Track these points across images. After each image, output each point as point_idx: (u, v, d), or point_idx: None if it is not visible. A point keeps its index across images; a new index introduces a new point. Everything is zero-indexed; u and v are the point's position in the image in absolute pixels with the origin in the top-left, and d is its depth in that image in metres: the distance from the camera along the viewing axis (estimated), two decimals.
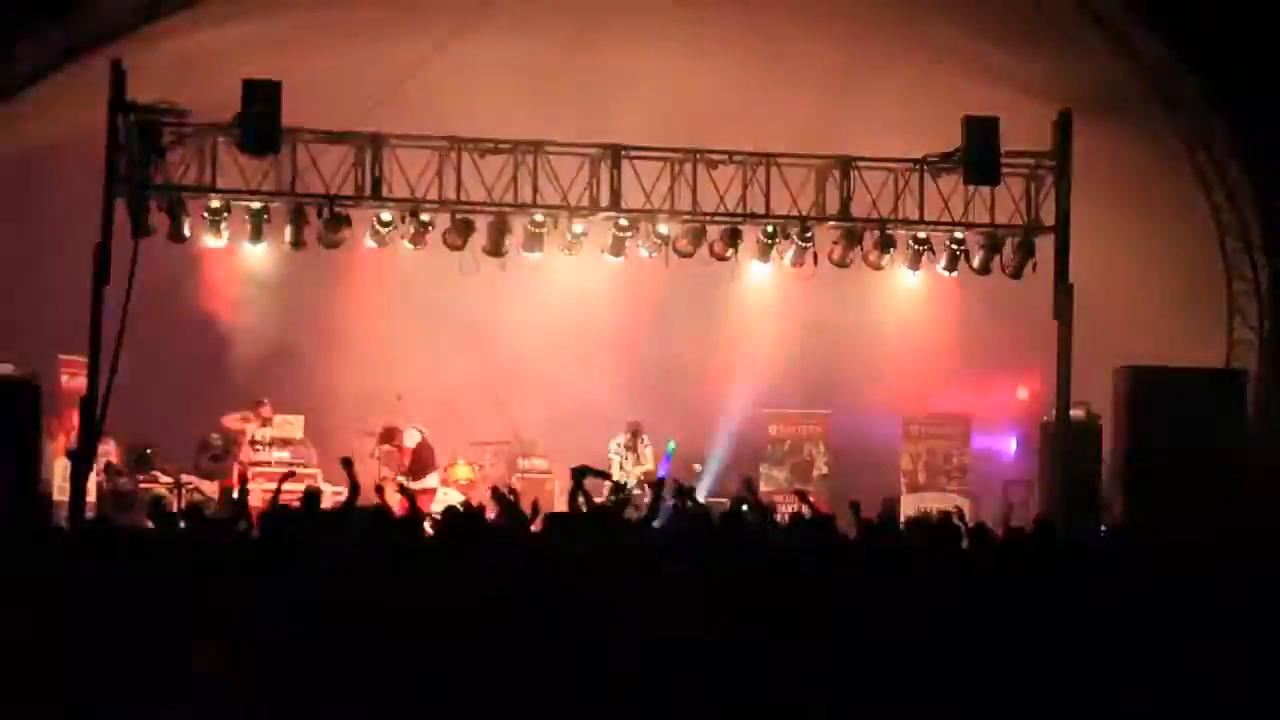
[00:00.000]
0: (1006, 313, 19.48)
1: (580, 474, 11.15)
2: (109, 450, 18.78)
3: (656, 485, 12.67)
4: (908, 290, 20.22)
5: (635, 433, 19.19)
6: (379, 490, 12.93)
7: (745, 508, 11.71)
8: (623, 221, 18.10)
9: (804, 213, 18.25)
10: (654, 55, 19.25)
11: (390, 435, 18.96)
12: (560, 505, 14.53)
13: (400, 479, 18.24)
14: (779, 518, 12.37)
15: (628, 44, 19.29)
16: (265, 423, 19.41)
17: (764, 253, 18.62)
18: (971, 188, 18.05)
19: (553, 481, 19.48)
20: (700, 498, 18.43)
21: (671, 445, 19.26)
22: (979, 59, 19.43)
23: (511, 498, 11.33)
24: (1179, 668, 8.46)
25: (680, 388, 19.38)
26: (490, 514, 11.09)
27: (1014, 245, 18.44)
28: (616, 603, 8.15)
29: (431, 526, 11.06)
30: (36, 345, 17.79)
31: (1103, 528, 18.15)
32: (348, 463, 11.87)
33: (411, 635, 8.00)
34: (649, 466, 18.99)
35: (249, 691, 7.70)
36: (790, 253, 18.54)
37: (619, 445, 19.13)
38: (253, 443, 19.23)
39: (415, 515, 11.52)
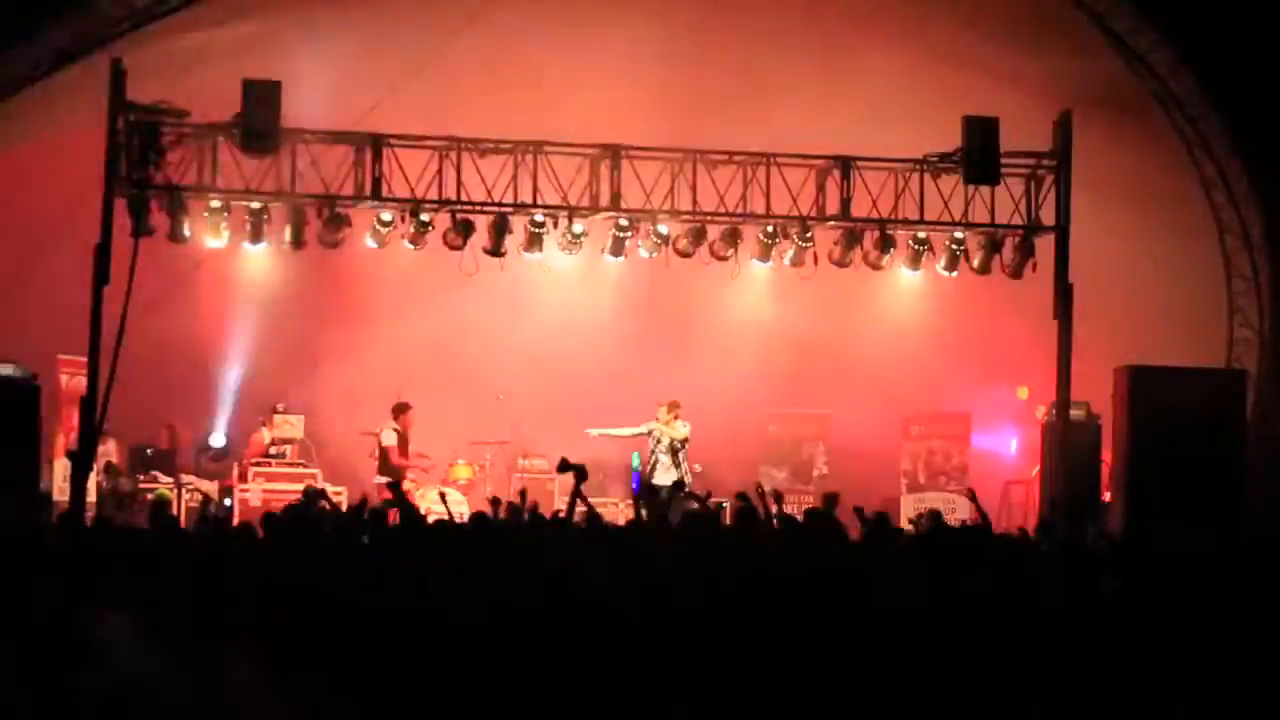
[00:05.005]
0: (1006, 313, 19.48)
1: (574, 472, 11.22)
2: (109, 450, 18.81)
3: (635, 499, 12.61)
4: (908, 290, 20.22)
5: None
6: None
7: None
8: (623, 221, 18.11)
9: (804, 213, 18.26)
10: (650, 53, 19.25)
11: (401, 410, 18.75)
12: (560, 505, 14.50)
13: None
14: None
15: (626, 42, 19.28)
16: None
17: (764, 253, 18.61)
18: (971, 188, 18.05)
19: (553, 482, 19.48)
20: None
21: (636, 458, 19.08)
22: (979, 59, 19.42)
23: (519, 501, 11.46)
24: (1178, 669, 8.46)
25: (680, 388, 19.34)
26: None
27: (1014, 245, 18.43)
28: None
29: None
30: (36, 345, 17.79)
31: (1102, 528, 18.15)
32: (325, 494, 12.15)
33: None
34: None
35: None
36: (790, 253, 18.54)
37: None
38: (267, 454, 19.26)
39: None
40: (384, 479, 18.02)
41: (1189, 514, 16.85)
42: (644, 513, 11.61)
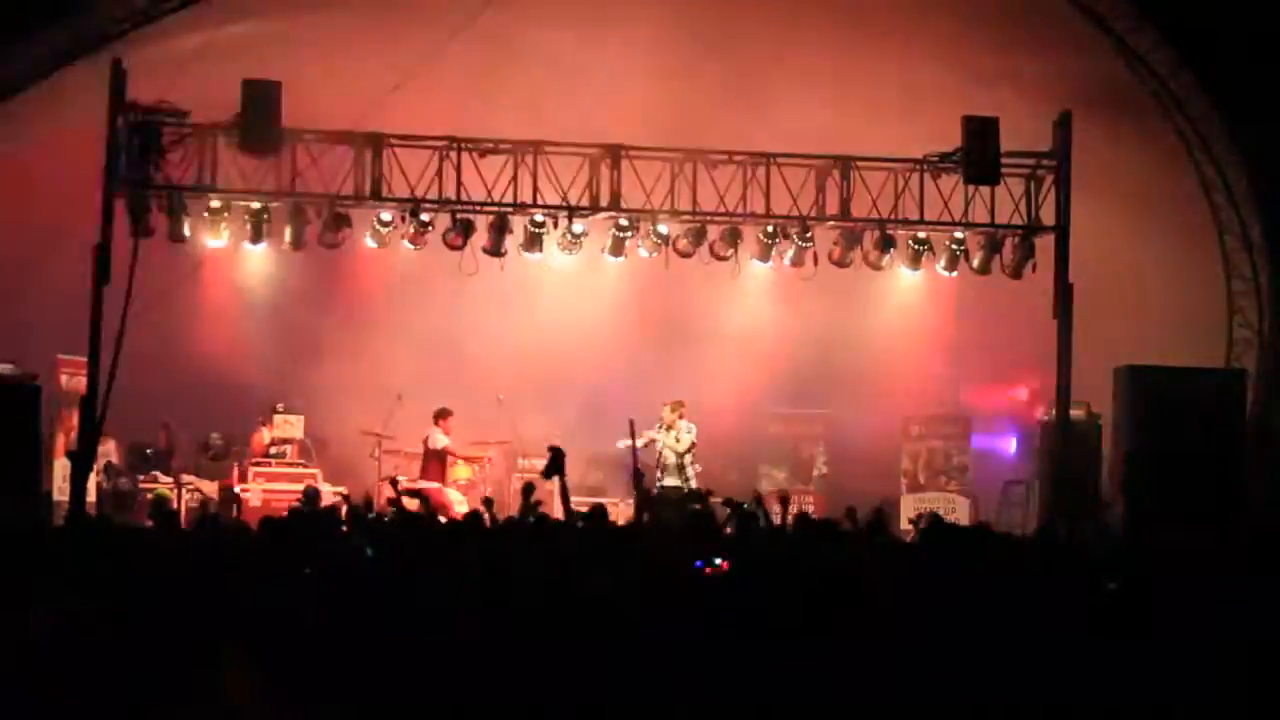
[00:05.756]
0: (1006, 313, 19.47)
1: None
2: (109, 450, 18.80)
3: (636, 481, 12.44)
4: (908, 290, 20.21)
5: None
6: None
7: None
8: (623, 221, 18.11)
9: (804, 213, 18.26)
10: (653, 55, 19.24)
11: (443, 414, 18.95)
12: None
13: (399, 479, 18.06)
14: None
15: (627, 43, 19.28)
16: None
17: (764, 253, 18.61)
18: (971, 188, 18.05)
19: (552, 483, 19.39)
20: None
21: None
22: (979, 59, 19.42)
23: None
24: (1178, 669, 8.46)
25: (680, 388, 19.35)
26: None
27: (1014, 245, 18.43)
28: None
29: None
30: (36, 345, 17.79)
31: (1102, 528, 18.15)
32: (347, 498, 12.21)
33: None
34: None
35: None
36: (790, 253, 18.54)
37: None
38: (267, 454, 19.24)
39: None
40: (431, 483, 18.18)
41: (1189, 514, 16.86)
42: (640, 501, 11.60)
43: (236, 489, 18.70)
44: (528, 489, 12.17)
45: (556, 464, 11.49)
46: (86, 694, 7.24)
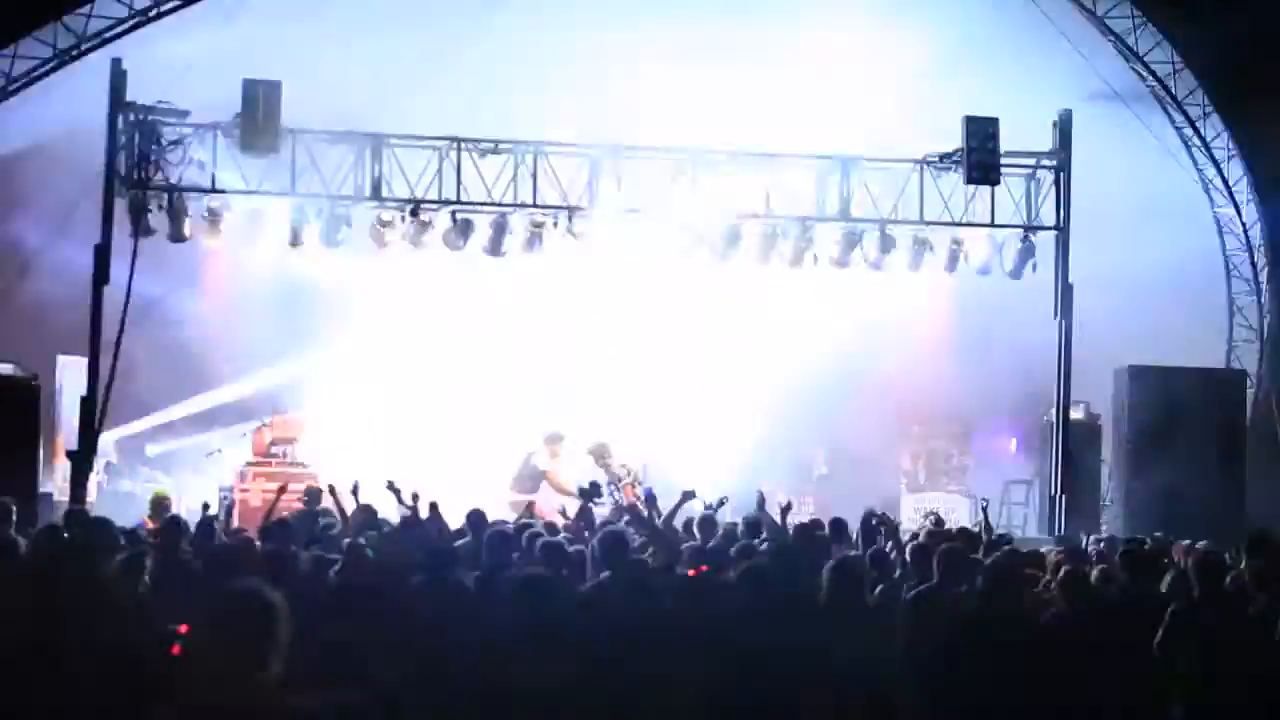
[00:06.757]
0: (1006, 313, 19.47)
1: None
2: (109, 450, 18.79)
3: (649, 499, 12.30)
4: (908, 290, 20.19)
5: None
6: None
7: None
8: (623, 221, 18.08)
9: (804, 213, 18.25)
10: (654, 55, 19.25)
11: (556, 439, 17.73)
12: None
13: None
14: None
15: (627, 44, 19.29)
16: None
17: (764, 253, 18.59)
18: (971, 188, 18.04)
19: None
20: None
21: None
22: (980, 58, 19.42)
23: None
24: (1177, 669, 8.47)
25: (679, 387, 19.33)
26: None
27: (1014, 245, 18.43)
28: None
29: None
30: (36, 345, 17.79)
31: (1103, 528, 18.17)
32: (334, 490, 12.22)
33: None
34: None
35: None
36: (790, 253, 18.52)
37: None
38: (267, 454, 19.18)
39: None
40: (521, 496, 16.60)
41: (1189, 514, 16.86)
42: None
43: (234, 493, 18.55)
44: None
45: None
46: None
